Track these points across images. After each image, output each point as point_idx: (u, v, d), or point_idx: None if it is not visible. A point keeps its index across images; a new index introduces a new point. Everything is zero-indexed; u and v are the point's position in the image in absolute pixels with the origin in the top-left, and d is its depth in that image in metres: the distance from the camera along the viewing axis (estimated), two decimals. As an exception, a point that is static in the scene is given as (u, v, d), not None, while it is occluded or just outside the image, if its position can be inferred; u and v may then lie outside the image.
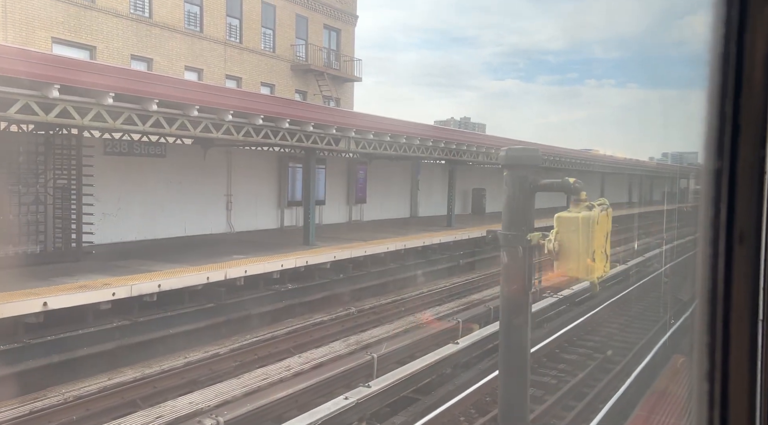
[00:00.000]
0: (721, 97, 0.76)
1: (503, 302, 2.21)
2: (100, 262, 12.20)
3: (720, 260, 0.77)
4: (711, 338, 0.77)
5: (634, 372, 9.95)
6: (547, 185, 2.17)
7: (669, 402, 8.00)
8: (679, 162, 53.84)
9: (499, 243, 2.24)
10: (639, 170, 41.39)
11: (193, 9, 24.07)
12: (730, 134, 0.76)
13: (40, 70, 8.31)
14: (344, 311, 14.37)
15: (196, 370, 10.33)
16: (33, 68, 8.17)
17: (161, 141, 16.02)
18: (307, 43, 29.44)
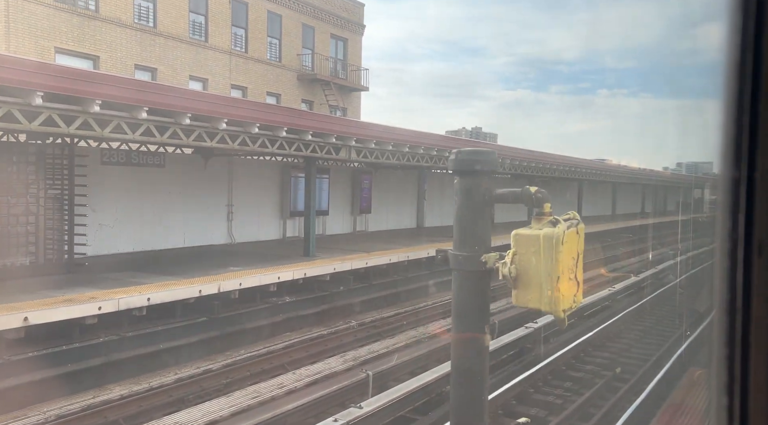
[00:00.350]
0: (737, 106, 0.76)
1: (454, 341, 1.79)
2: (91, 274, 11.91)
3: (738, 271, 0.76)
4: (730, 350, 0.77)
5: (648, 385, 9.52)
6: (504, 196, 1.75)
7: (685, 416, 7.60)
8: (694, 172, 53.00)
9: (449, 266, 1.82)
10: (653, 180, 40.66)
11: (198, 19, 23.97)
12: (747, 143, 0.75)
13: (21, 77, 8.04)
14: (344, 324, 13.95)
15: (186, 387, 9.95)
16: (13, 74, 7.91)
17: (160, 150, 15.77)
18: (314, 53, 29.27)
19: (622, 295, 17.88)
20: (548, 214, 1.69)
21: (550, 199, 1.68)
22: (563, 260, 1.62)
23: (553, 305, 1.60)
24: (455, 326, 1.84)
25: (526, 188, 1.71)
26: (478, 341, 1.79)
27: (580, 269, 1.72)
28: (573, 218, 1.75)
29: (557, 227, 1.62)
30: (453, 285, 1.86)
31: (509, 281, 1.67)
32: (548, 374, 10.65)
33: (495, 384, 9.81)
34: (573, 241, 1.67)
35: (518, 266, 1.66)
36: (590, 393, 9.76)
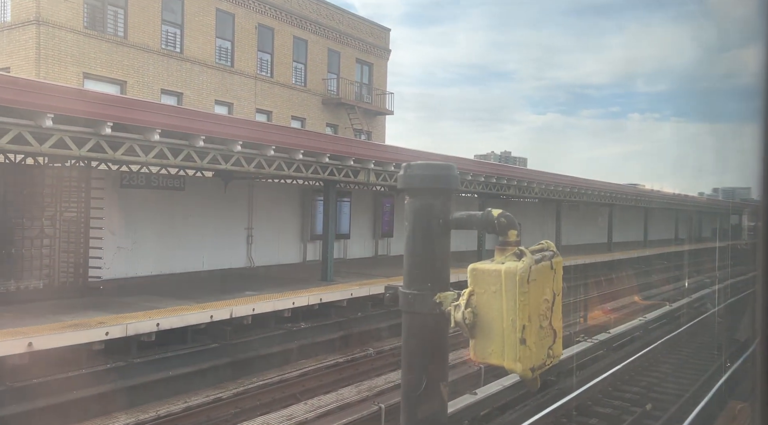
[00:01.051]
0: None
1: (405, 396, 1.41)
2: (105, 298, 11.78)
3: None
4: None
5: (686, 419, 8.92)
6: (462, 220, 1.39)
7: None
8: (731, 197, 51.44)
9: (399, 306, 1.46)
10: (688, 205, 39.43)
11: (224, 44, 24.28)
12: None
13: (30, 99, 8.01)
14: (361, 352, 13.51)
15: (194, 417, 9.64)
16: (21, 97, 7.87)
17: (180, 174, 15.77)
18: (339, 77, 29.36)
19: (655, 324, 17.09)
20: (514, 243, 1.33)
21: (516, 225, 1.32)
22: (532, 302, 1.25)
23: (518, 362, 1.22)
24: (405, 380, 1.47)
25: (489, 211, 1.35)
26: (434, 398, 1.41)
27: (557, 314, 1.34)
28: (547, 248, 1.38)
29: (522, 261, 1.26)
30: (402, 329, 1.49)
31: (463, 329, 1.31)
32: (573, 409, 10.03)
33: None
34: (545, 278, 1.30)
35: (476, 310, 1.30)
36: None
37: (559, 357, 1.36)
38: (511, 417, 9.62)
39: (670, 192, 37.11)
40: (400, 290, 1.48)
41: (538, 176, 22.52)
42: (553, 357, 1.33)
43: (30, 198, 10.94)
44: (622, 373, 11.96)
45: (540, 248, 1.36)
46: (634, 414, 9.88)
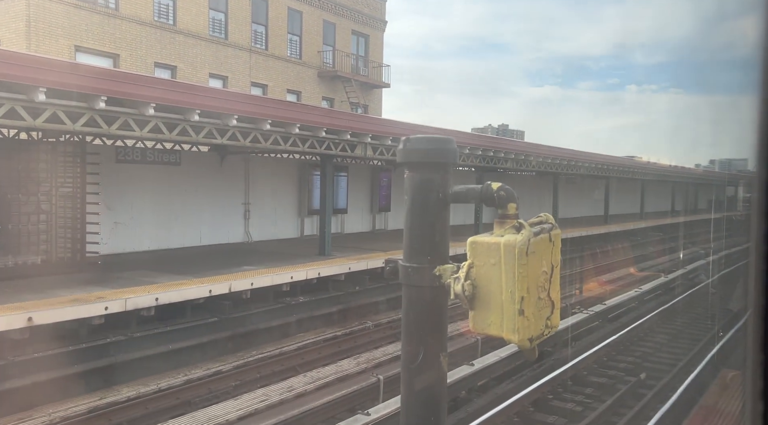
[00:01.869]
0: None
1: (404, 368, 1.43)
2: (103, 273, 11.81)
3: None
4: (765, 356, 0.75)
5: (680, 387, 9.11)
6: (461, 194, 1.39)
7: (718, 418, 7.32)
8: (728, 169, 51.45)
9: (399, 280, 1.46)
10: (684, 177, 39.45)
11: (217, 16, 23.90)
12: None
13: (23, 72, 7.90)
14: (359, 325, 13.63)
15: (194, 389, 9.76)
16: (13, 70, 7.77)
17: (176, 148, 15.68)
18: (335, 50, 29.01)
19: (650, 295, 17.27)
20: (513, 216, 1.32)
21: (516, 198, 1.31)
22: (530, 274, 1.25)
23: (516, 333, 1.23)
24: (405, 352, 1.48)
25: (488, 184, 1.35)
26: (433, 370, 1.42)
27: (555, 285, 1.35)
28: (545, 221, 1.37)
29: (521, 234, 1.25)
30: (402, 302, 1.50)
31: (463, 301, 1.31)
32: (569, 379, 10.18)
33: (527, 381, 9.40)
34: (544, 250, 1.30)
35: (475, 283, 1.30)
36: (616, 396, 9.27)
37: (557, 327, 1.37)
38: (508, 387, 9.76)
39: (666, 164, 37.09)
40: (399, 263, 1.48)
41: (536, 149, 22.45)
42: (550, 327, 1.34)
43: (25, 174, 10.89)
44: (617, 344, 12.12)
45: (539, 220, 1.36)
46: (629, 384, 10.04)
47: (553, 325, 1.36)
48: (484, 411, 8.36)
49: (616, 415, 8.88)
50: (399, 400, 3.06)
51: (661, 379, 10.28)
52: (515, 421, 8.52)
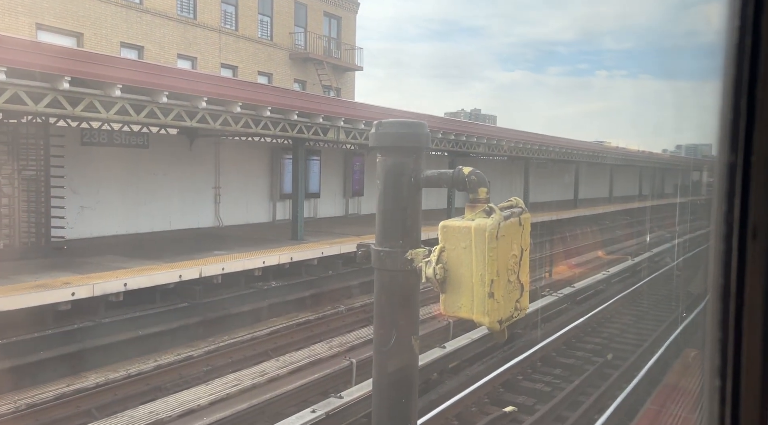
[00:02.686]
0: (735, 89, 0.76)
1: (377, 351, 1.43)
2: (69, 258, 11.56)
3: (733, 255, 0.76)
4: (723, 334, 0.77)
5: (644, 366, 9.39)
6: (433, 178, 1.38)
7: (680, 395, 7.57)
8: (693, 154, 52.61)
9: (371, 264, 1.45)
10: (651, 162, 40.24)
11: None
12: (744, 128, 0.76)
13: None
14: (332, 310, 13.64)
15: (165, 375, 9.66)
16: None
17: (143, 131, 15.34)
18: (307, 31, 28.62)
19: (617, 278, 17.65)
20: (484, 201, 1.33)
21: (487, 183, 1.31)
22: (500, 257, 1.26)
23: (486, 315, 1.24)
24: (377, 335, 1.48)
25: (459, 168, 1.35)
26: (405, 352, 1.42)
27: (524, 269, 1.36)
28: (516, 205, 1.38)
29: (492, 218, 1.26)
30: (375, 286, 1.50)
31: (434, 284, 1.31)
32: (538, 360, 10.38)
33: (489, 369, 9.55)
34: (513, 234, 1.31)
35: (446, 266, 1.30)
36: (584, 377, 9.49)
37: (526, 309, 1.39)
38: (479, 369, 9.91)
39: (635, 149, 37.75)
40: (372, 247, 1.48)
41: (507, 133, 22.61)
42: (520, 309, 1.35)
43: (-15, 156, 10.54)
44: (585, 325, 12.38)
45: (509, 204, 1.37)
46: (596, 364, 10.28)
47: (523, 307, 1.37)
48: (455, 393, 8.49)
49: (583, 395, 9.09)
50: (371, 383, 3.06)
51: (627, 359, 10.55)
52: (485, 402, 8.66)
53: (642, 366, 9.68)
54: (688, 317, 12.93)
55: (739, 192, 0.77)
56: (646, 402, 7.94)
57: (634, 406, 8.20)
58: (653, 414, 7.27)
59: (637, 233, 29.65)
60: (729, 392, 0.78)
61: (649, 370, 9.38)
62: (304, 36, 28.54)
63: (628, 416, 7.88)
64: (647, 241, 26.47)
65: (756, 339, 0.76)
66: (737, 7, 0.75)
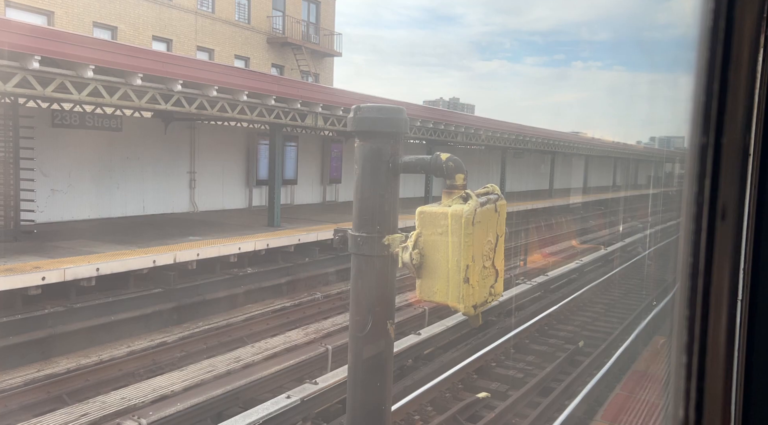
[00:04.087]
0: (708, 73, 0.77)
1: (353, 336, 1.43)
2: (40, 242, 11.33)
3: (702, 235, 0.79)
4: (691, 311, 0.79)
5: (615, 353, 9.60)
6: (411, 164, 1.38)
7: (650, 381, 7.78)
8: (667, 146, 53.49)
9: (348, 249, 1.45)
10: (626, 153, 40.83)
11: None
12: (716, 110, 0.77)
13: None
14: (308, 296, 13.63)
15: (138, 361, 9.57)
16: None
17: (117, 114, 15.04)
18: (285, 15, 28.25)
19: (591, 267, 17.95)
20: (461, 187, 1.33)
21: (464, 169, 1.32)
22: (476, 243, 1.27)
23: (461, 300, 1.25)
24: (353, 320, 1.48)
25: (437, 154, 1.35)
26: (381, 337, 1.43)
27: (499, 255, 1.37)
28: (491, 192, 1.39)
29: (468, 204, 1.26)
30: (351, 272, 1.50)
31: (411, 269, 1.32)
32: (511, 347, 10.53)
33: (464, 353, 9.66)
34: (489, 220, 1.31)
35: (423, 252, 1.31)
36: (556, 364, 9.66)
37: (500, 295, 1.40)
38: (454, 355, 10.01)
39: (609, 140, 38.25)
40: (349, 233, 1.47)
41: (485, 123, 22.70)
42: (494, 295, 1.37)
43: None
44: (558, 313, 12.58)
45: (485, 191, 1.38)
46: (568, 351, 10.46)
47: (497, 293, 1.38)
48: (430, 379, 8.57)
49: (555, 381, 9.26)
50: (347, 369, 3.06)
51: (598, 346, 10.76)
52: (459, 388, 8.77)
53: (612, 354, 9.88)
54: (658, 305, 13.23)
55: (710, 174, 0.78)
56: (615, 387, 8.14)
57: (604, 392, 8.39)
58: (622, 399, 7.48)
59: (611, 224, 30.14)
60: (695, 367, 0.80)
61: (619, 357, 9.59)
62: (283, 20, 28.18)
63: (598, 401, 8.06)
64: (620, 231, 26.94)
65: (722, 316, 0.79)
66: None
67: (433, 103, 72.83)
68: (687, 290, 0.80)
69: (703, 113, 0.78)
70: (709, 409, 0.80)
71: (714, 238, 0.78)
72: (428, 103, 51.14)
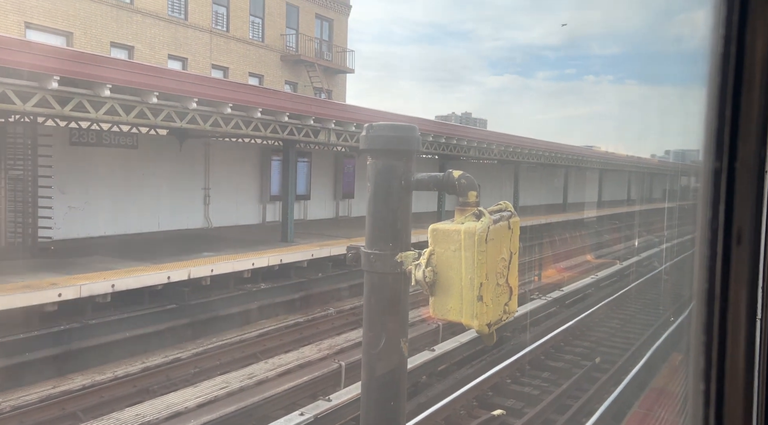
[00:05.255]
0: (720, 97, 0.77)
1: (366, 354, 1.43)
2: (57, 259, 11.45)
3: (718, 260, 0.78)
4: (708, 337, 0.78)
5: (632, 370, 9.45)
6: (423, 181, 1.39)
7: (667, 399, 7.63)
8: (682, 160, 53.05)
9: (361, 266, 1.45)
10: (640, 167, 40.55)
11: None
12: (729, 135, 0.77)
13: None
14: (321, 312, 13.61)
15: (152, 377, 9.59)
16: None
17: (133, 131, 15.26)
18: (298, 33, 28.60)
19: (606, 282, 17.76)
20: (474, 204, 1.33)
21: (476, 186, 1.32)
22: (489, 261, 1.27)
23: (475, 318, 1.24)
24: (366, 337, 1.48)
25: (449, 172, 1.35)
26: (394, 355, 1.42)
27: (513, 272, 1.37)
28: (504, 209, 1.39)
29: (481, 221, 1.26)
30: (364, 289, 1.50)
31: (424, 287, 1.32)
32: (527, 364, 10.41)
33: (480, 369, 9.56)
34: (503, 237, 1.31)
35: (436, 269, 1.31)
36: (572, 380, 9.53)
37: (515, 313, 1.40)
38: (468, 372, 9.92)
39: (623, 154, 38.04)
40: (362, 250, 1.48)
41: (498, 137, 22.70)
42: (508, 312, 1.36)
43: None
44: (573, 329, 12.43)
45: (498, 208, 1.38)
46: (584, 367, 10.32)
47: (511, 311, 1.38)
48: (444, 396, 8.49)
49: (571, 398, 9.13)
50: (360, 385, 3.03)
51: (615, 363, 10.61)
52: (474, 405, 8.67)
53: (630, 370, 9.73)
54: (675, 321, 13.03)
55: (724, 198, 0.78)
56: (633, 405, 8.01)
57: (621, 409, 8.25)
58: (640, 417, 7.35)
59: (626, 238, 29.84)
60: (713, 395, 0.78)
61: (637, 374, 9.44)
62: (296, 38, 28.51)
63: (616, 419, 7.92)
64: (635, 245, 26.66)
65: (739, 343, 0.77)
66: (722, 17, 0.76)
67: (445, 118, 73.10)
68: (703, 316, 0.79)
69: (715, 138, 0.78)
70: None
71: (730, 263, 0.77)
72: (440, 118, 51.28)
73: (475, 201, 1.33)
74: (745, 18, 0.75)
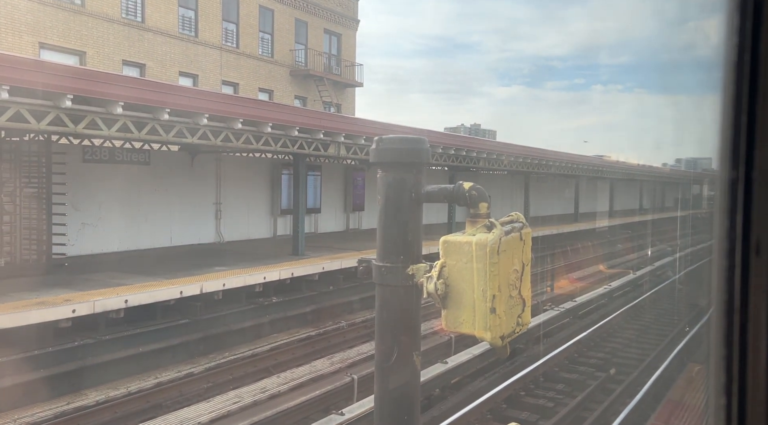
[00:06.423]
0: (735, 106, 0.76)
1: (378, 367, 1.43)
2: (70, 275, 11.55)
3: (736, 271, 0.76)
4: (728, 350, 0.77)
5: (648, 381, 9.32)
6: (434, 194, 1.39)
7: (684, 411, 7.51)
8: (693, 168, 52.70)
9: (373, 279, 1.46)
10: (652, 176, 40.30)
11: (187, 13, 23.56)
12: (745, 143, 0.76)
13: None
14: (333, 325, 13.59)
15: (165, 392, 9.61)
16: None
17: (145, 148, 15.41)
18: (307, 48, 28.85)
19: (619, 292, 17.60)
20: (485, 215, 1.34)
21: (487, 198, 1.33)
22: (501, 273, 1.27)
23: (488, 331, 1.24)
24: (379, 351, 1.48)
25: (460, 184, 1.36)
26: (407, 368, 1.42)
27: (526, 283, 1.37)
28: (516, 220, 1.39)
29: (492, 233, 1.27)
30: (376, 302, 1.50)
31: (436, 300, 1.32)
32: (541, 376, 10.31)
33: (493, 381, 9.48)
34: (515, 249, 1.31)
35: (448, 281, 1.31)
36: (587, 392, 9.42)
37: (528, 325, 1.39)
38: (481, 384, 9.84)
39: (634, 163, 37.82)
40: (373, 263, 1.48)
41: (507, 148, 22.69)
42: (522, 325, 1.35)
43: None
44: (587, 340, 12.32)
45: (510, 219, 1.38)
46: (599, 379, 10.21)
47: (525, 323, 1.37)
48: (458, 409, 8.42)
49: (586, 410, 9.02)
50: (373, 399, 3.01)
51: (630, 374, 10.48)
52: (488, 418, 8.60)
53: (645, 381, 9.61)
54: (691, 331, 12.87)
55: (741, 208, 0.77)
56: (650, 417, 7.90)
57: (638, 422, 8.14)
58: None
59: (639, 247, 29.60)
60: (735, 410, 0.77)
61: (653, 385, 9.32)
62: (305, 53, 28.76)
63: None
64: (648, 255, 26.43)
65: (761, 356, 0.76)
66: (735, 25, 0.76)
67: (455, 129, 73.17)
68: (722, 328, 0.78)
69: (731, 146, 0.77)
70: None
71: (749, 274, 0.76)
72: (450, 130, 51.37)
73: (486, 212, 1.33)
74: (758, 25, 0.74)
